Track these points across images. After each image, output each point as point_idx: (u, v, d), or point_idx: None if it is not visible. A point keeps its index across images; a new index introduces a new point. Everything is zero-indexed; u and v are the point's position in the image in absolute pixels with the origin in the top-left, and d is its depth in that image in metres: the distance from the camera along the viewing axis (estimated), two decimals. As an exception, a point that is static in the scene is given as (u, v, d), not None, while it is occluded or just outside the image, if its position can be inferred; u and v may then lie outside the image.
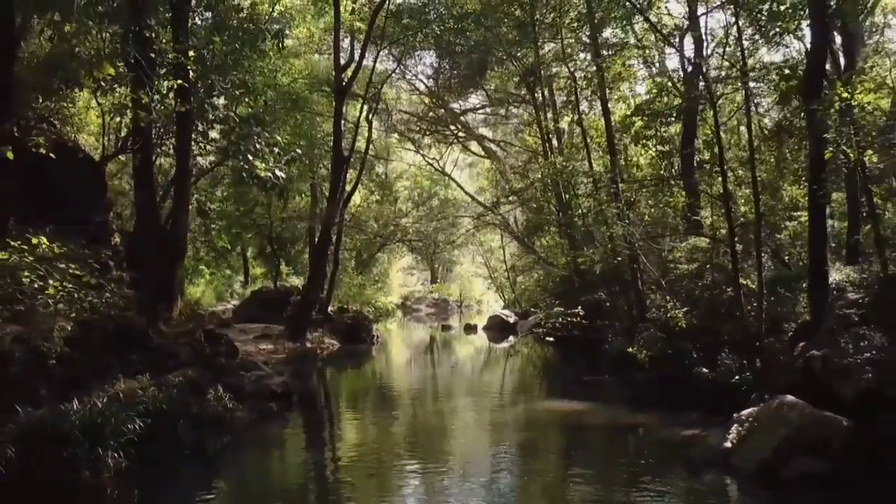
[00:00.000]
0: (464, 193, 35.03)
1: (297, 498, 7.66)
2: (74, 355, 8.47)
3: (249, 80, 14.68)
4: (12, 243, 7.02)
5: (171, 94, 11.20)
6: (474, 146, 33.31)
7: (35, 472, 6.50)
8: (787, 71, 10.76)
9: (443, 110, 29.76)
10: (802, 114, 10.37)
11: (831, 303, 9.83)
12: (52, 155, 7.68)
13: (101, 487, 6.91)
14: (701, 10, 18.27)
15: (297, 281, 26.60)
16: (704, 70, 16.57)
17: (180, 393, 8.87)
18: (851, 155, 9.90)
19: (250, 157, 12.64)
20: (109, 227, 15.01)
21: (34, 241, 7.22)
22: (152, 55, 10.20)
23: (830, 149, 9.99)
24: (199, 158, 16.57)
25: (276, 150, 13.60)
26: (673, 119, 16.58)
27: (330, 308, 22.83)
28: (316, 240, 21.92)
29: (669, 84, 16.93)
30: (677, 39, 19.58)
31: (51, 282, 7.50)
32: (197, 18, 14.65)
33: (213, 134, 15.12)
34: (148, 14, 10.98)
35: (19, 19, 10.52)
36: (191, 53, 10.39)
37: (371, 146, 24.92)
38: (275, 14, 18.27)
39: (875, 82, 10.55)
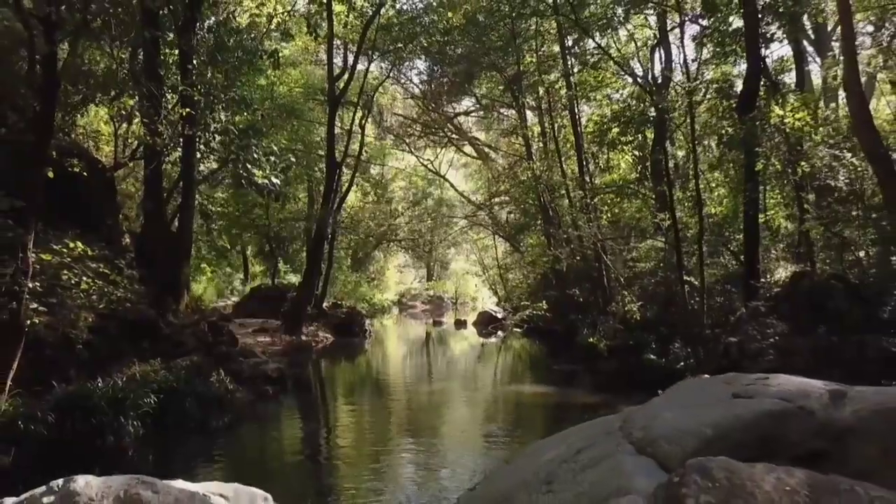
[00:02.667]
0: (457, 193, 36.16)
1: (291, 465, 8.84)
2: (97, 342, 9.82)
3: (248, 94, 15.86)
4: (55, 247, 8.39)
5: (177, 112, 12.40)
6: (468, 147, 34.37)
7: (69, 436, 7.83)
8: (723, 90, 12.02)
9: (435, 113, 30.81)
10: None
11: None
12: (84, 174, 8.98)
13: (123, 450, 8.26)
14: (669, 25, 19.60)
15: (294, 278, 27.40)
16: (671, 83, 17.92)
17: (187, 375, 10.26)
18: (779, 166, 11.21)
19: (249, 166, 13.88)
20: (120, 228, 16.25)
21: (70, 245, 8.60)
22: (164, 88, 11.45)
23: (761, 161, 11.30)
24: (201, 165, 17.76)
25: (273, 158, 14.79)
26: (646, 127, 17.88)
27: (325, 304, 23.97)
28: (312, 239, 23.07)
29: (641, 92, 18.17)
30: (650, 51, 20.95)
31: (84, 278, 8.86)
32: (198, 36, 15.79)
33: (214, 143, 16.31)
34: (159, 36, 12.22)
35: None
36: (195, 75, 11.59)
37: (365, 150, 26.06)
38: (272, 27, 19.44)
39: (802, 101, 11.81)
